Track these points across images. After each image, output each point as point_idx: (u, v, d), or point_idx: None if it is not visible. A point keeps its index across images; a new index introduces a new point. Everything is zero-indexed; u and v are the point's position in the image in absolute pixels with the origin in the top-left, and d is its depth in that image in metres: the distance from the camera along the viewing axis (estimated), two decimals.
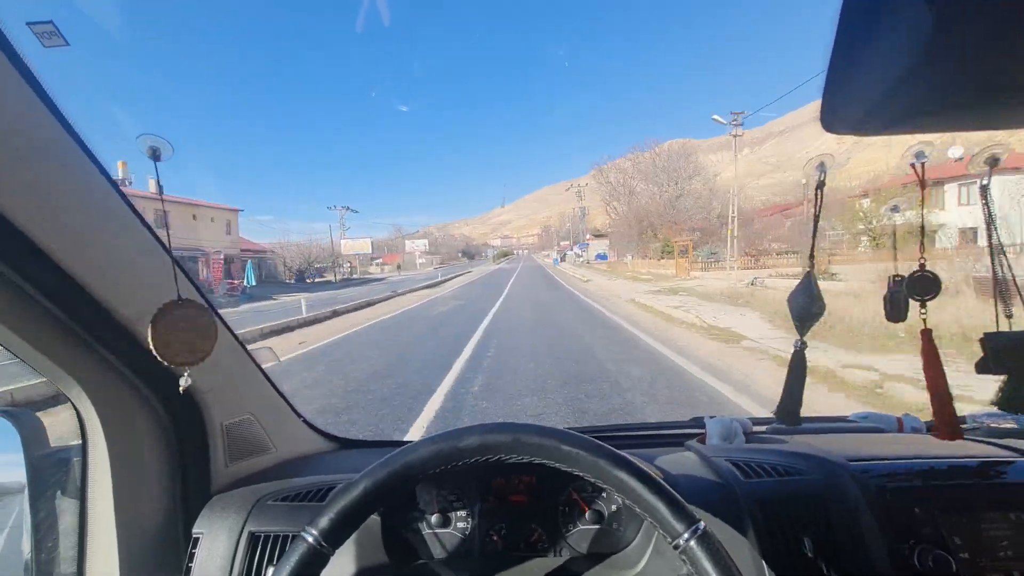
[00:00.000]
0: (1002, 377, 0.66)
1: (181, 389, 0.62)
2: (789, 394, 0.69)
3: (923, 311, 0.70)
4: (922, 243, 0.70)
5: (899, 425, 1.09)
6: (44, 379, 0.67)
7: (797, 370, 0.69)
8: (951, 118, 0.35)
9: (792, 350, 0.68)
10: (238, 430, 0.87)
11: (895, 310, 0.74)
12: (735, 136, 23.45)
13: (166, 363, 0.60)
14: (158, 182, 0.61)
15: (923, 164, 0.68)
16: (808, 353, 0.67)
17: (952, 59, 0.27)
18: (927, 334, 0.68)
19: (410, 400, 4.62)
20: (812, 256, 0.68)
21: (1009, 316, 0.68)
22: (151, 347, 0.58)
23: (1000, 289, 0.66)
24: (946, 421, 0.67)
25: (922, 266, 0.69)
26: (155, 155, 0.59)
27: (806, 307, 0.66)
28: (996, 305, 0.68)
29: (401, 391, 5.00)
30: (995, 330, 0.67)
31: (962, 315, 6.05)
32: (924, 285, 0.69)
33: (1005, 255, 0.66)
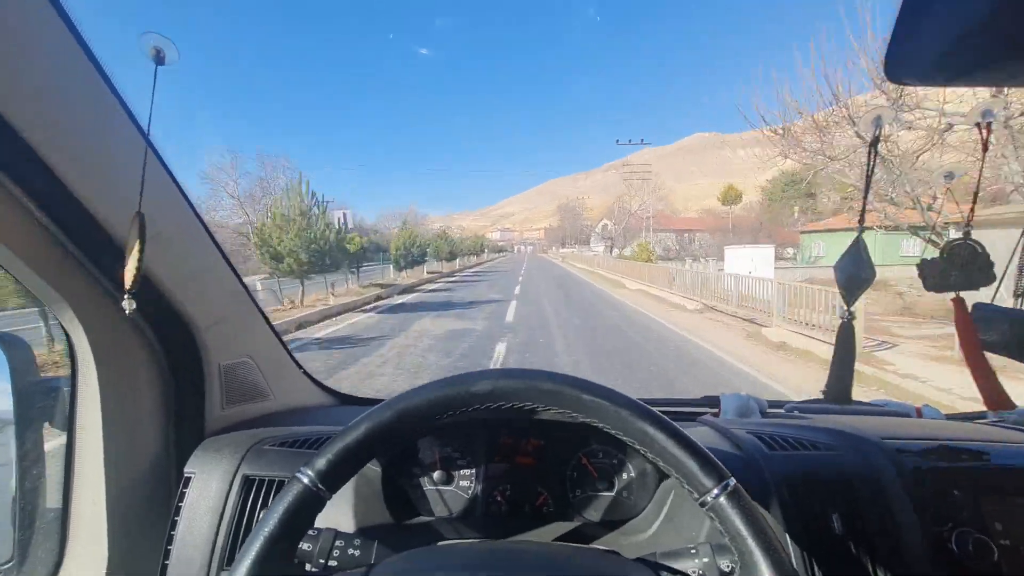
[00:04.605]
0: None
1: (128, 311, 0.57)
2: (837, 371, 0.64)
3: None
4: (972, 209, 0.65)
5: (918, 414, 1.06)
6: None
7: (845, 344, 0.64)
8: None
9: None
10: (236, 373, 0.84)
11: (930, 280, 0.68)
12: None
13: (132, 285, 0.56)
14: (153, 86, 0.56)
15: (989, 124, 0.63)
16: None
17: None
18: (959, 303, 0.63)
19: None
20: (862, 219, 0.63)
21: (1019, 295, 0.64)
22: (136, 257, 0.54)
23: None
24: (992, 392, 0.62)
25: (967, 234, 0.64)
26: (159, 57, 0.55)
27: (853, 274, 0.61)
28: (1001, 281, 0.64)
29: None
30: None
31: None
32: (965, 255, 0.64)
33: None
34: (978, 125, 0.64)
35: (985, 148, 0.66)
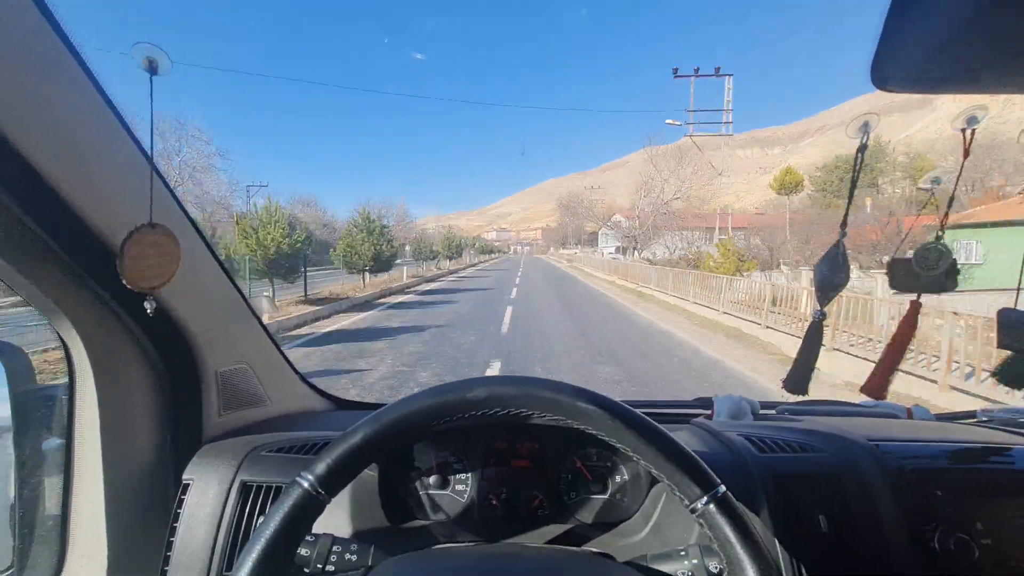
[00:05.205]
0: (1007, 352, 0.66)
1: (149, 311, 0.61)
2: (800, 364, 0.68)
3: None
4: (946, 214, 0.66)
5: (908, 415, 1.08)
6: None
7: (812, 340, 0.67)
8: (1016, 75, 0.33)
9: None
10: (232, 379, 0.85)
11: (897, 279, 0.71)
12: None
13: (131, 287, 0.58)
14: (151, 97, 0.57)
15: (972, 131, 0.65)
16: None
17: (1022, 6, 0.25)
18: (915, 305, 0.66)
19: None
20: (844, 224, 0.65)
21: None
22: (120, 271, 0.56)
23: None
24: (875, 380, 0.68)
25: (938, 237, 0.66)
26: (152, 67, 0.56)
27: (828, 277, 0.63)
28: (1020, 282, 0.66)
29: None
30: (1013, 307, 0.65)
31: None
32: (932, 256, 0.66)
33: None
34: (963, 131, 0.65)
35: (966, 153, 0.68)
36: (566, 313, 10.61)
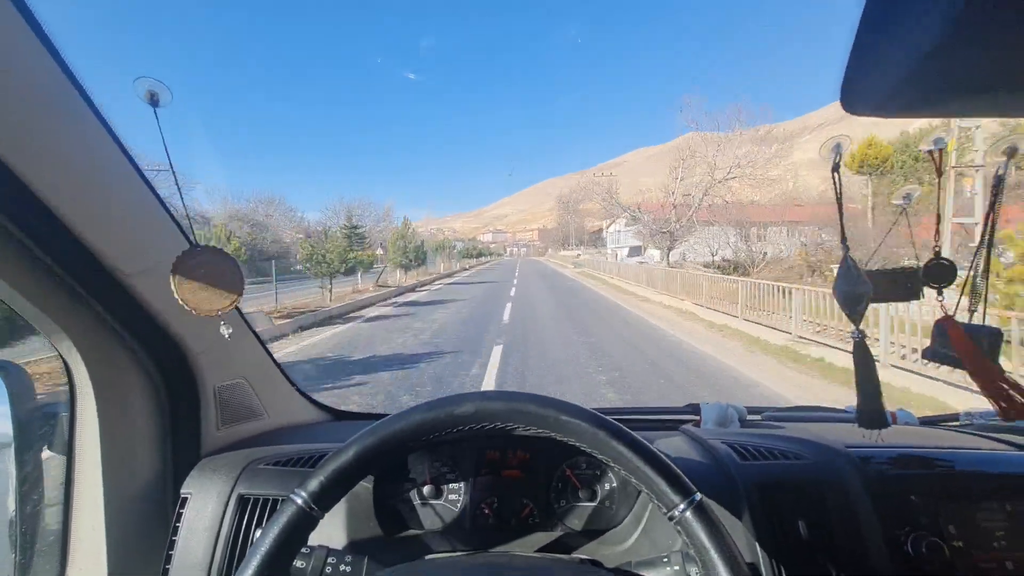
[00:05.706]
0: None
1: (227, 336, 0.63)
2: (865, 395, 0.62)
3: (940, 298, 0.69)
4: (938, 230, 0.69)
5: (892, 419, 1.10)
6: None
7: (864, 365, 0.61)
8: (978, 101, 0.35)
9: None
10: (230, 394, 0.86)
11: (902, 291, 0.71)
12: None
13: (197, 313, 0.59)
14: (159, 128, 0.59)
15: (941, 151, 0.68)
16: None
17: (983, 38, 0.26)
18: (951, 322, 0.66)
19: None
20: (844, 239, 0.66)
21: (972, 311, 0.68)
22: (177, 298, 0.58)
23: (974, 281, 0.66)
24: (1005, 399, 0.61)
25: (937, 253, 0.68)
26: (153, 100, 0.58)
27: (849, 291, 0.61)
28: (961, 295, 0.68)
29: None
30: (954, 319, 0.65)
31: None
32: (939, 273, 0.68)
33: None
34: (930, 153, 0.68)
35: (940, 173, 0.70)
36: None
